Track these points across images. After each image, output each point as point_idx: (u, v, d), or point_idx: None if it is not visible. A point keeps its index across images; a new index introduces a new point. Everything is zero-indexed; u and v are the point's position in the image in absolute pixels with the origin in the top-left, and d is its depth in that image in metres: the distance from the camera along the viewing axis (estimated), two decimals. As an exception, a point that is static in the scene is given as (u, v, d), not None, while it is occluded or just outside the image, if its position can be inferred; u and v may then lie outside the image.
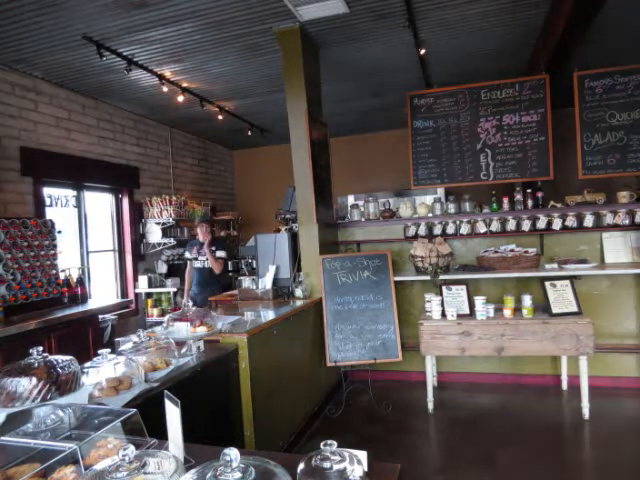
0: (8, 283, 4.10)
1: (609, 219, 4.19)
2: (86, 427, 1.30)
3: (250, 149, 9.02)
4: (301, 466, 0.99)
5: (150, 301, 6.14)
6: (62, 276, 4.74)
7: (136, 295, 6.16)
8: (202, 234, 5.22)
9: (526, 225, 4.36)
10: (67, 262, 5.01)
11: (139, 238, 6.29)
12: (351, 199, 6.96)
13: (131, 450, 0.93)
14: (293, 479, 0.98)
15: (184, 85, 5.45)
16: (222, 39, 4.28)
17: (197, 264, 5.27)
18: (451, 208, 4.71)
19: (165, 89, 5.18)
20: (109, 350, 1.85)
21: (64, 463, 1.11)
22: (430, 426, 3.79)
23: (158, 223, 6.28)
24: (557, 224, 4.28)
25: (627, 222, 4.14)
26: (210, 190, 8.27)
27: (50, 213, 4.94)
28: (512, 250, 4.33)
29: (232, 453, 0.91)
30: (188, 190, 7.45)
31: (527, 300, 3.75)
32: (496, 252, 4.37)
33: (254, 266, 4.53)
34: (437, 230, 4.62)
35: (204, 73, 5.14)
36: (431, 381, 3.95)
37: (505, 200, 4.56)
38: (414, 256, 4.31)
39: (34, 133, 4.79)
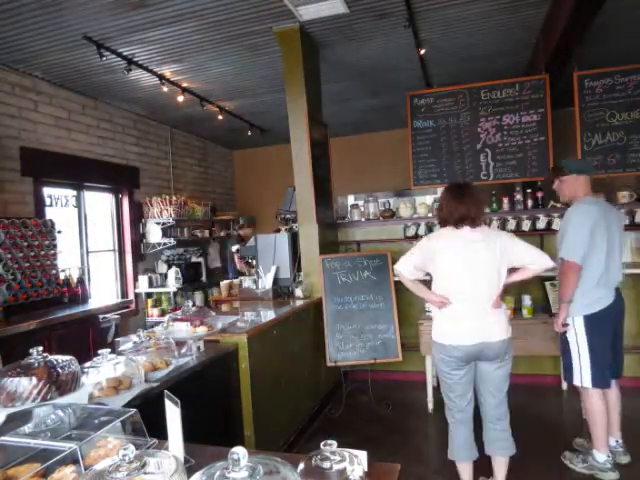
0: (8, 283, 4.10)
1: (609, 219, 4.19)
2: (86, 427, 1.30)
3: (250, 149, 9.02)
4: (301, 466, 0.99)
5: (150, 301, 6.14)
6: (62, 276, 4.74)
7: (136, 295, 6.16)
8: None
9: (526, 225, 4.36)
10: (67, 262, 5.01)
11: (139, 238, 6.29)
12: (351, 199, 6.96)
13: (131, 450, 0.93)
14: (294, 478, 0.98)
15: (184, 85, 5.45)
16: (222, 39, 4.28)
17: None
18: (451, 208, 4.70)
19: (165, 89, 5.18)
20: (109, 350, 1.85)
21: (64, 463, 1.11)
22: (430, 426, 3.79)
23: (158, 223, 6.27)
24: (557, 224, 4.27)
25: (627, 222, 4.13)
26: (210, 190, 8.27)
27: (50, 213, 4.94)
28: (512, 250, 4.32)
29: (240, 452, 0.91)
30: (188, 190, 7.44)
31: (527, 300, 3.75)
32: (496, 252, 4.36)
33: (254, 266, 4.53)
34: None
35: (204, 73, 5.14)
36: (431, 381, 3.95)
37: (505, 200, 4.56)
38: (414, 256, 4.30)
39: (34, 133, 4.79)
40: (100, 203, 5.96)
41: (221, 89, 5.72)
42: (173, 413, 1.23)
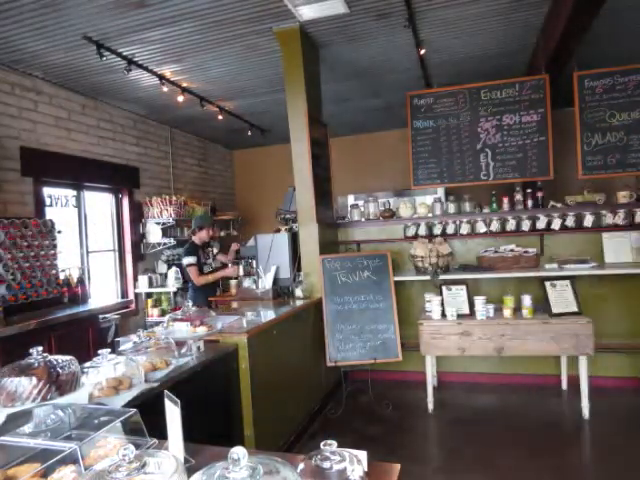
0: (8, 283, 4.10)
1: (609, 219, 4.19)
2: (86, 427, 1.30)
3: (250, 149, 9.02)
4: (301, 466, 0.99)
5: (150, 301, 6.14)
6: (62, 276, 4.74)
7: (136, 295, 6.16)
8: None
9: (526, 225, 4.36)
10: (67, 262, 5.01)
11: (139, 238, 6.29)
12: (351, 199, 6.96)
13: (131, 450, 0.93)
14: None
15: (184, 85, 5.45)
16: (222, 39, 4.28)
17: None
18: (451, 208, 4.71)
19: (165, 89, 5.18)
20: (109, 350, 1.85)
21: (64, 463, 1.11)
22: (430, 426, 3.79)
23: (158, 223, 6.27)
24: (557, 224, 4.28)
25: (627, 222, 4.14)
26: (210, 190, 8.27)
27: (50, 213, 4.94)
28: (512, 250, 4.33)
29: (240, 452, 0.91)
30: (188, 190, 7.44)
31: (527, 300, 3.75)
32: (496, 252, 4.37)
33: (254, 266, 4.53)
34: (437, 230, 4.62)
35: (204, 73, 5.14)
36: (431, 381, 3.95)
37: (505, 200, 4.56)
38: (414, 256, 4.31)
39: (34, 133, 4.79)
40: (100, 203, 5.95)
41: (221, 89, 5.71)
42: (173, 413, 1.23)
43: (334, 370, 4.25)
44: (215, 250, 5.34)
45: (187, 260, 4.73)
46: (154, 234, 6.30)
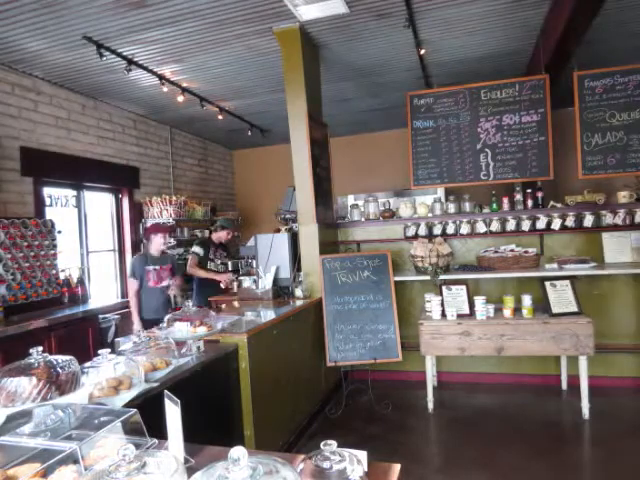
0: (8, 283, 4.10)
1: (609, 219, 4.19)
2: (86, 427, 1.30)
3: (250, 149, 9.02)
4: (301, 466, 0.99)
5: (150, 301, 6.13)
6: (62, 276, 4.75)
7: (136, 295, 6.15)
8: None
9: (526, 225, 4.36)
10: (67, 262, 5.02)
11: (139, 238, 6.29)
12: (351, 199, 6.95)
13: (131, 450, 0.93)
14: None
15: (184, 85, 5.45)
16: (222, 39, 4.28)
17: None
18: (451, 208, 4.71)
19: (165, 89, 5.18)
20: (109, 350, 1.85)
21: (64, 463, 1.11)
22: (430, 426, 3.79)
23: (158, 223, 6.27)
24: (557, 224, 4.28)
25: (627, 222, 4.14)
26: (210, 190, 8.27)
27: (50, 213, 4.94)
28: (512, 250, 4.33)
29: (240, 452, 0.91)
30: (188, 190, 7.44)
31: (527, 300, 3.75)
32: (496, 252, 4.37)
33: (254, 266, 4.53)
34: (437, 230, 4.62)
35: (204, 73, 5.14)
36: (431, 381, 3.95)
37: (505, 200, 4.56)
38: (414, 256, 4.31)
39: (34, 133, 4.79)
40: (100, 203, 5.95)
41: (221, 89, 5.71)
42: (173, 413, 1.23)
43: (334, 370, 4.25)
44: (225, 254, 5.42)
45: (194, 248, 5.08)
46: (154, 234, 6.29)
